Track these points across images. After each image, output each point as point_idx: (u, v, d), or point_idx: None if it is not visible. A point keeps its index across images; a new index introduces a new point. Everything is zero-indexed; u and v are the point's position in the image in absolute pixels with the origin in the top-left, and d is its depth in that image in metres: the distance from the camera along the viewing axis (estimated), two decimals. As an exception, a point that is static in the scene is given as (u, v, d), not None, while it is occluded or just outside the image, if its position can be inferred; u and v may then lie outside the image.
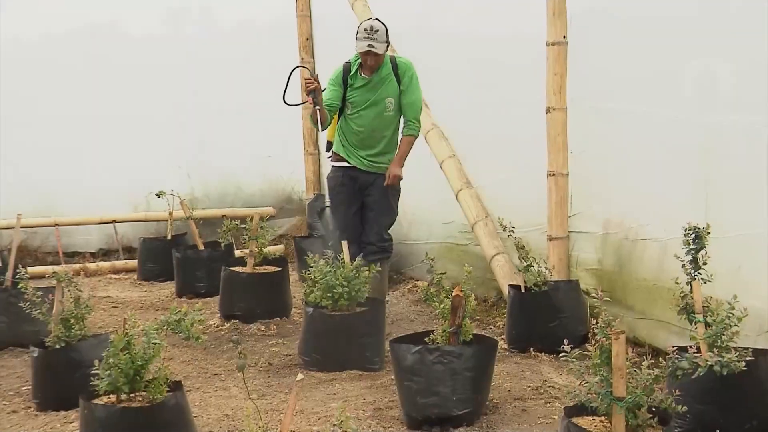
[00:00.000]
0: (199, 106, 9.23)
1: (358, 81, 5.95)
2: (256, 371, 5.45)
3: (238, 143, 9.22)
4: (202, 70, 9.20)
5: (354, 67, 5.96)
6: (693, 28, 5.07)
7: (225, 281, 6.67)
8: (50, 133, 9.02)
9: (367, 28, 5.78)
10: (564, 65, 5.87)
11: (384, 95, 5.95)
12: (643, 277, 5.48)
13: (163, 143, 9.17)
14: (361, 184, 6.08)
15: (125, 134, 9.11)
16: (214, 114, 9.25)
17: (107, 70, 9.09)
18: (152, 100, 9.10)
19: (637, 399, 3.52)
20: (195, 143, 9.27)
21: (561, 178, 5.93)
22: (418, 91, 6.04)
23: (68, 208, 9.02)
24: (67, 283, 4.78)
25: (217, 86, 9.19)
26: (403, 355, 4.53)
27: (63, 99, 9.00)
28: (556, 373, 5.18)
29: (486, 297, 6.73)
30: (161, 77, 9.12)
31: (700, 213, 4.79)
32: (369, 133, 6.00)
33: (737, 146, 4.79)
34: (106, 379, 3.93)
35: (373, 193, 6.07)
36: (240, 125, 9.19)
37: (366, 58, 5.83)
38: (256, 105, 9.12)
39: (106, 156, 9.09)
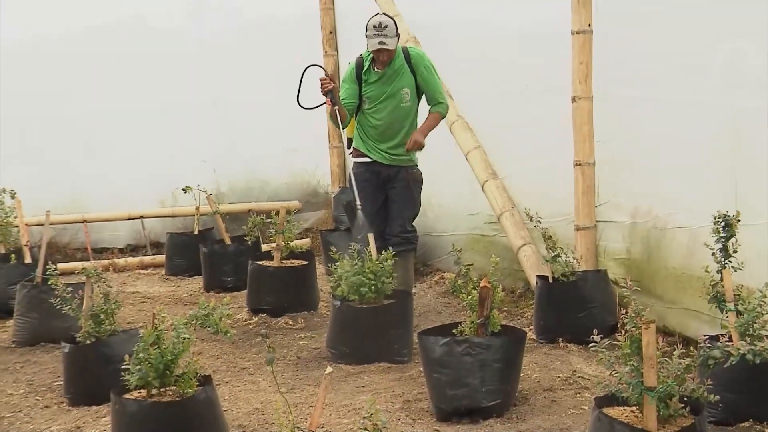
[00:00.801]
0: (223, 100, 9.25)
1: (372, 76, 5.95)
2: (284, 365, 5.47)
3: (263, 137, 9.22)
4: (226, 65, 9.21)
5: (366, 62, 5.96)
6: (721, 11, 5.01)
7: (252, 275, 6.69)
8: (77, 129, 9.08)
9: (375, 24, 5.77)
10: (589, 54, 5.82)
11: (399, 87, 5.95)
12: (673, 265, 5.43)
13: (188, 138, 9.20)
14: (384, 178, 6.08)
15: (151, 129, 9.14)
16: (238, 108, 9.26)
17: (133, 65, 9.11)
18: (177, 94, 9.11)
19: (669, 389, 3.50)
20: (220, 138, 9.29)
21: (587, 168, 5.89)
22: (437, 77, 6.05)
23: (96, 205, 9.08)
24: (96, 278, 4.82)
25: (242, 80, 9.20)
26: (432, 347, 4.53)
27: (88, 94, 9.05)
28: (585, 364, 5.16)
29: (513, 288, 6.72)
30: (186, 72, 9.14)
31: (729, 200, 4.76)
32: (387, 125, 6.00)
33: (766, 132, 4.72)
34: (136, 374, 3.97)
35: (396, 185, 6.08)
36: (264, 119, 9.19)
37: (378, 54, 5.84)
38: (280, 98, 9.09)
39: (133, 151, 9.13)
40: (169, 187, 8.96)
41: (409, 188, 6.10)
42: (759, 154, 4.78)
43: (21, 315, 6.13)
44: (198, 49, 9.21)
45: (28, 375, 5.51)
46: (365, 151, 6.08)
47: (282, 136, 9.21)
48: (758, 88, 4.76)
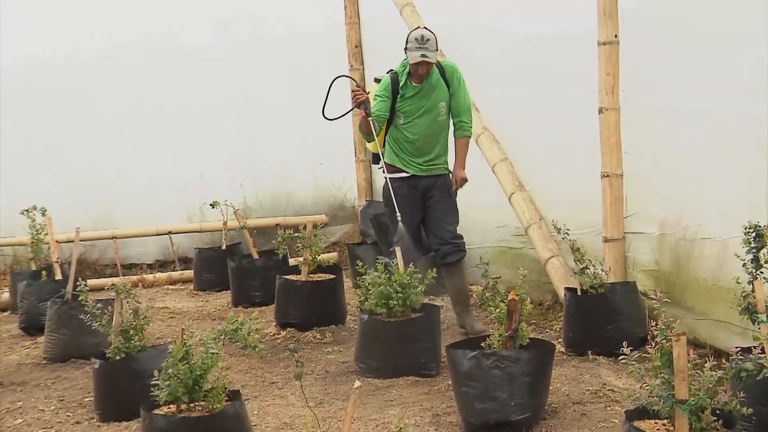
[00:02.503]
0: (250, 114, 9.31)
1: (410, 90, 5.93)
2: (312, 379, 5.47)
3: (289, 151, 9.27)
4: (253, 79, 9.27)
5: (403, 77, 5.93)
6: (747, 18, 4.97)
7: (280, 290, 6.70)
8: (106, 145, 9.17)
9: (417, 38, 5.75)
10: (616, 65, 5.80)
11: (436, 101, 5.93)
12: (703, 277, 5.38)
13: (216, 153, 9.27)
14: (422, 190, 6.05)
15: (178, 145, 9.22)
16: (265, 122, 9.31)
17: (160, 80, 9.20)
18: (204, 109, 9.20)
19: (701, 401, 3.46)
20: (247, 152, 9.35)
21: (615, 179, 5.86)
22: (467, 92, 6.05)
23: (124, 220, 9.16)
24: (125, 294, 4.85)
25: (269, 95, 9.26)
26: (460, 361, 4.51)
27: (118, 110, 9.16)
28: (615, 377, 5.11)
29: (542, 300, 6.68)
30: (213, 87, 9.22)
31: (760, 210, 4.70)
32: (424, 140, 5.98)
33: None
34: (165, 389, 3.98)
35: (435, 194, 6.05)
36: (291, 133, 9.24)
37: (418, 67, 5.81)
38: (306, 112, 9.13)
39: (161, 167, 9.21)
40: (197, 203, 9.02)
41: (449, 194, 6.09)
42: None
43: (51, 331, 6.18)
44: (225, 64, 9.28)
45: (59, 391, 5.54)
46: (401, 166, 6.05)
47: (308, 150, 9.26)
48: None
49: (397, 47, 8.41)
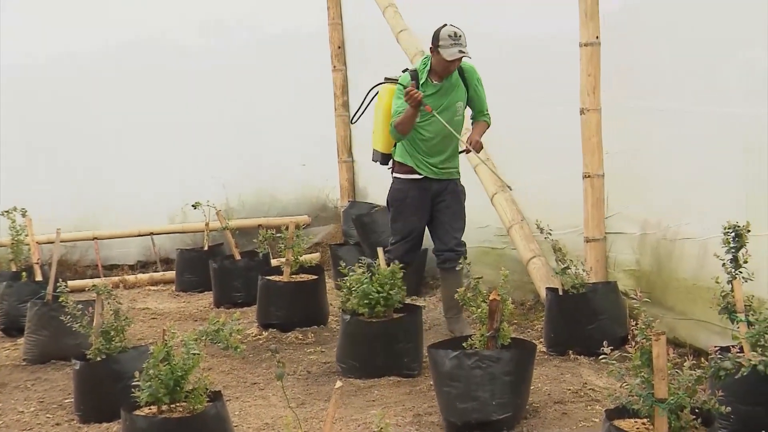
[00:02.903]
0: (233, 116, 9.28)
1: (430, 88, 5.81)
2: (294, 380, 5.47)
3: (272, 152, 9.25)
4: (236, 81, 9.25)
5: (423, 74, 5.82)
6: (730, 21, 5.01)
7: (262, 290, 6.69)
8: (87, 146, 9.10)
9: (451, 34, 5.65)
10: (597, 66, 5.83)
11: (455, 100, 5.85)
12: (683, 276, 5.42)
13: (198, 154, 9.23)
14: (433, 193, 5.97)
15: (160, 145, 9.16)
16: (247, 123, 9.29)
17: (143, 81, 9.14)
18: (186, 110, 9.15)
19: (680, 400, 3.49)
20: (230, 153, 9.31)
21: (597, 180, 5.89)
22: (484, 93, 5.98)
23: (106, 221, 9.12)
24: (106, 295, 4.83)
25: (251, 96, 9.24)
26: (442, 361, 4.52)
27: (100, 111, 9.09)
28: (596, 376, 5.14)
29: (523, 300, 6.71)
30: (197, 88, 9.17)
31: (740, 210, 4.73)
32: (440, 139, 5.89)
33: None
34: (146, 390, 3.97)
35: (446, 198, 5.98)
36: (273, 134, 9.22)
37: (451, 64, 5.71)
38: (289, 114, 9.17)
39: (142, 168, 9.16)
40: (179, 204, 8.99)
41: (459, 201, 6.04)
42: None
43: (32, 333, 6.15)
44: (207, 65, 9.25)
45: (38, 392, 5.52)
46: (414, 166, 5.94)
47: (291, 151, 9.25)
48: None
49: (379, 48, 8.45)
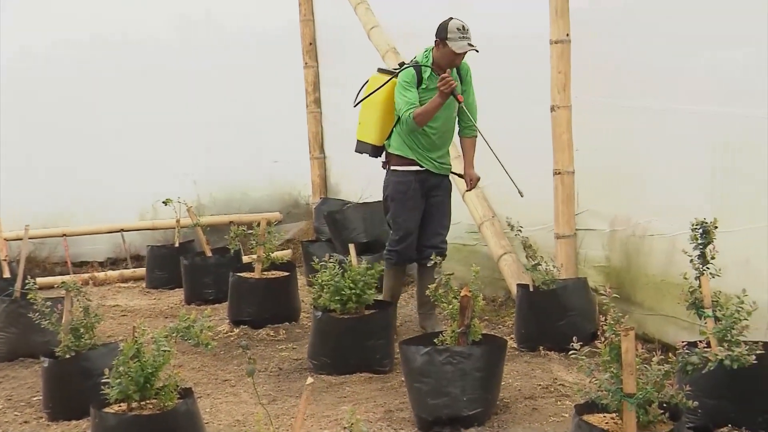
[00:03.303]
0: (204, 112, 9.23)
1: (434, 82, 5.71)
2: (266, 376, 5.46)
3: (243, 149, 9.23)
4: (208, 77, 9.20)
5: (427, 68, 5.77)
6: (701, 19, 5.05)
7: (233, 287, 6.67)
8: (56, 142, 9.02)
9: (459, 27, 5.60)
10: (567, 63, 5.86)
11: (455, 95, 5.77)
12: (652, 273, 5.47)
13: (168, 150, 9.16)
14: (428, 187, 5.93)
15: (130, 142, 9.11)
16: (219, 120, 9.26)
17: (113, 79, 9.08)
18: (157, 107, 9.10)
19: (648, 395, 3.53)
20: (201, 150, 9.27)
21: (567, 176, 5.93)
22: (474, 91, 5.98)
23: (75, 218, 9.04)
24: (75, 292, 4.80)
25: (223, 92, 9.20)
26: (413, 357, 4.53)
27: (68, 108, 9.01)
28: (566, 371, 5.17)
29: (494, 297, 6.74)
30: (167, 85, 9.12)
31: (708, 207, 4.80)
32: (442, 134, 5.86)
33: (744, 139, 4.77)
34: (116, 388, 3.95)
35: (439, 194, 5.96)
36: (245, 131, 9.21)
37: (457, 57, 5.67)
38: (261, 110, 9.15)
39: (112, 164, 9.10)
40: (149, 200, 8.95)
41: (449, 198, 6.03)
42: (737, 161, 4.83)
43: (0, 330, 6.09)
44: (180, 62, 9.20)
45: (6, 390, 5.46)
46: (416, 159, 5.87)
47: (263, 147, 9.24)
48: (736, 96, 4.81)
49: (351, 45, 8.45)
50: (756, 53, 4.69)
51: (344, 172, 8.96)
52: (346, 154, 8.55)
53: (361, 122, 6.02)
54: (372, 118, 5.93)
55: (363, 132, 6.01)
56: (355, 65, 8.23)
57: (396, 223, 5.96)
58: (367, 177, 7.53)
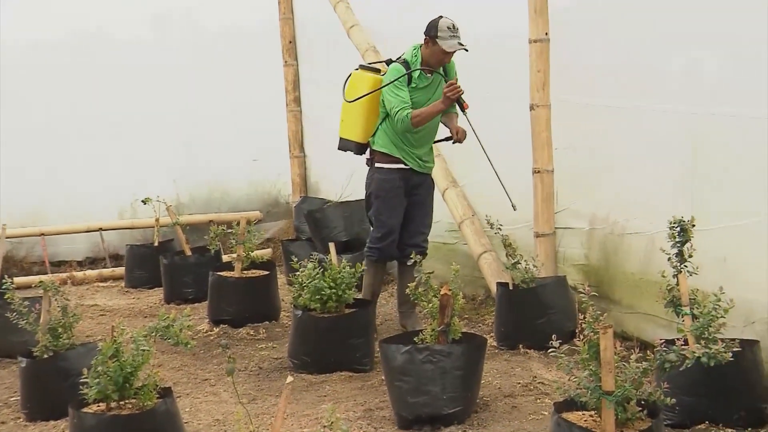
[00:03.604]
0: (183, 110, 9.21)
1: (423, 80, 5.76)
2: (246, 375, 5.45)
3: (223, 147, 9.21)
4: (186, 75, 9.17)
5: (416, 66, 5.75)
6: (676, 20, 5.08)
7: (213, 286, 6.66)
8: (34, 140, 8.96)
9: (449, 26, 5.61)
10: (547, 62, 5.88)
11: (441, 92, 5.77)
12: (630, 271, 5.50)
13: (147, 149, 9.13)
14: (411, 186, 5.92)
15: (110, 140, 9.07)
16: (198, 119, 9.23)
17: (92, 77, 9.03)
18: (137, 105, 9.06)
19: (626, 393, 3.55)
20: (180, 148, 9.24)
21: (546, 175, 5.95)
22: None
23: (53, 217, 8.98)
24: (54, 292, 4.78)
25: (202, 90, 9.17)
26: (393, 356, 4.53)
27: (47, 106, 8.97)
28: (545, 369, 5.20)
29: (474, 295, 6.75)
30: (145, 82, 9.08)
31: (685, 206, 4.83)
32: (428, 131, 5.86)
33: (721, 138, 4.81)
34: (95, 387, 3.93)
35: (421, 192, 5.96)
36: (225, 130, 9.19)
37: (447, 56, 5.69)
38: (240, 109, 9.13)
39: (91, 163, 9.06)
40: (129, 199, 8.93)
41: (431, 196, 6.04)
42: (714, 160, 4.87)
43: (-23, 330, 6.04)
44: (159, 60, 9.16)
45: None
46: (401, 157, 5.84)
47: (243, 146, 9.21)
48: (713, 96, 4.85)
49: (331, 43, 8.44)
50: (731, 53, 4.73)
51: (324, 171, 8.96)
52: (326, 153, 8.57)
53: (343, 119, 5.99)
54: (356, 115, 5.91)
55: (346, 129, 5.99)
56: (336, 64, 8.23)
57: (378, 221, 5.96)
58: (347, 176, 7.54)
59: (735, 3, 4.70)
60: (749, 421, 4.15)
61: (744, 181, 4.67)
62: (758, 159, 4.55)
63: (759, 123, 4.52)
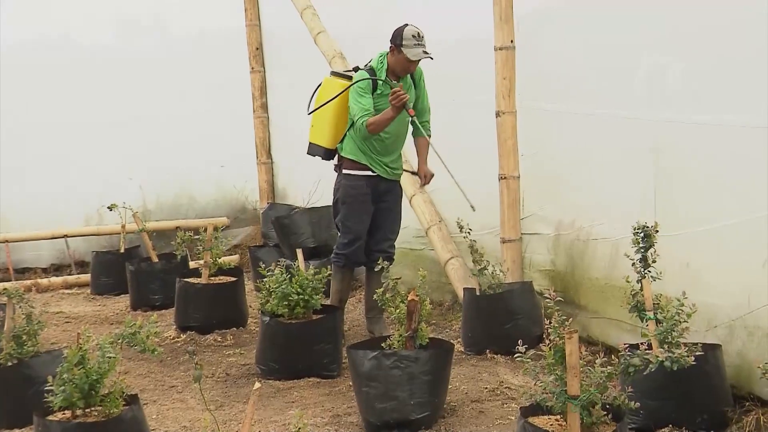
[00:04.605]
0: (150, 117, 9.17)
1: (388, 88, 5.72)
2: (213, 382, 5.44)
3: (190, 154, 9.19)
4: (153, 81, 9.15)
5: (382, 73, 5.76)
6: (639, 28, 5.14)
7: (180, 293, 6.64)
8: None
9: (414, 34, 5.61)
10: (512, 69, 5.94)
11: (409, 100, 5.75)
12: (595, 276, 5.56)
13: (114, 155, 9.10)
14: (379, 192, 5.93)
15: (75, 146, 9.02)
16: (165, 125, 9.20)
17: (57, 81, 8.99)
18: (102, 110, 9.03)
19: (591, 397, 3.58)
20: (147, 154, 9.21)
21: (512, 181, 6.00)
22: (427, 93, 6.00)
23: (17, 223, 8.91)
24: (18, 299, 4.74)
25: (170, 96, 9.15)
26: (361, 361, 4.55)
27: (10, 110, 8.90)
28: (512, 374, 5.24)
29: (441, 301, 6.79)
30: (112, 88, 9.05)
31: (649, 212, 4.89)
32: (395, 138, 5.88)
33: (684, 145, 4.87)
34: (60, 395, 3.90)
35: (388, 199, 5.97)
36: (192, 136, 9.16)
37: (412, 65, 5.70)
38: (207, 115, 9.11)
39: (57, 169, 9.01)
40: (94, 205, 8.87)
41: (399, 203, 6.05)
42: (676, 167, 4.93)
43: (-60, 338, 5.97)
44: (125, 65, 9.13)
45: (-53, 399, 5.36)
46: (368, 164, 5.85)
47: (210, 152, 9.20)
48: (676, 103, 4.91)
49: (297, 49, 8.45)
50: (693, 61, 4.80)
51: (292, 177, 8.97)
52: (294, 160, 8.59)
53: (313, 125, 6.01)
54: (325, 121, 5.92)
55: (315, 135, 6.00)
56: (303, 70, 8.25)
57: (345, 227, 5.98)
58: (315, 182, 7.55)
59: (696, 13, 4.77)
60: (712, 423, 4.21)
61: (706, 187, 4.73)
62: (720, 166, 4.62)
63: (720, 130, 4.58)
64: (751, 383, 4.40)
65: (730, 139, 4.54)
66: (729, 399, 4.34)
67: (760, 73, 4.34)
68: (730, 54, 4.55)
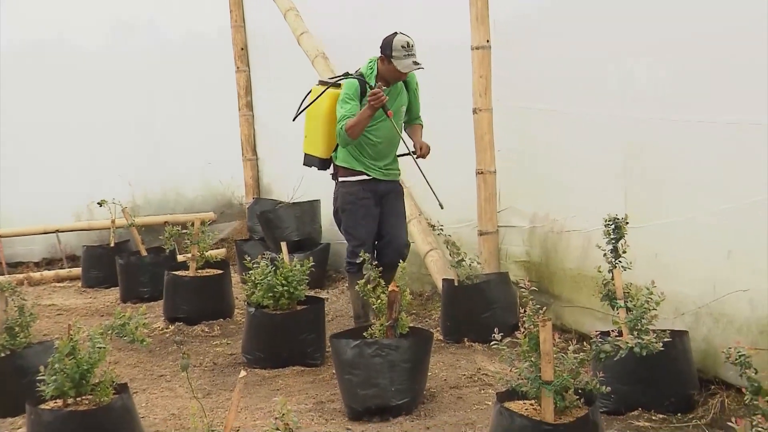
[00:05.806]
0: (139, 115, 9.27)
1: None
2: (201, 371, 5.56)
3: (178, 150, 9.27)
4: (142, 80, 9.22)
5: (371, 80, 5.67)
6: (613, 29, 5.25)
7: (168, 285, 6.75)
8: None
9: (404, 45, 5.53)
10: (488, 68, 6.02)
11: (399, 104, 5.78)
12: (569, 266, 5.69)
13: (103, 151, 9.19)
14: (381, 194, 5.86)
15: (66, 143, 9.11)
16: (154, 123, 9.30)
17: (49, 82, 9.07)
18: (93, 109, 9.11)
19: (564, 382, 3.68)
20: (135, 151, 9.29)
21: (489, 176, 6.11)
22: None
23: (10, 219, 9.00)
24: (10, 292, 4.82)
25: (158, 95, 9.24)
26: (343, 350, 4.67)
27: (5, 109, 8.97)
28: (489, 362, 5.36)
29: (421, 291, 6.91)
30: (102, 87, 9.12)
31: (620, 205, 5.00)
32: (387, 143, 5.77)
33: (654, 141, 5.00)
34: (52, 384, 3.99)
35: (392, 198, 5.91)
36: (180, 134, 9.25)
37: (402, 75, 5.65)
38: (194, 114, 9.21)
39: (48, 165, 9.09)
40: (85, 201, 8.98)
41: (402, 200, 5.99)
42: (646, 162, 5.06)
43: (-67, 331, 6.07)
44: (115, 65, 9.20)
45: (-59, 390, 5.46)
46: (363, 169, 5.77)
47: (197, 148, 9.27)
48: (646, 102, 5.02)
49: (281, 49, 8.54)
50: (663, 61, 4.91)
51: (276, 174, 9.06)
52: (278, 156, 8.71)
53: (306, 135, 5.93)
54: (317, 130, 5.83)
55: (309, 145, 5.92)
56: (286, 69, 8.37)
57: (348, 234, 5.87)
58: (299, 177, 7.64)
59: (664, 15, 4.88)
60: (679, 406, 4.37)
61: (674, 181, 4.86)
62: (687, 161, 4.75)
63: (689, 126, 4.71)
64: (717, 367, 4.54)
65: (696, 136, 4.67)
66: (695, 383, 4.48)
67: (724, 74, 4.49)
68: (693, 56, 4.67)
